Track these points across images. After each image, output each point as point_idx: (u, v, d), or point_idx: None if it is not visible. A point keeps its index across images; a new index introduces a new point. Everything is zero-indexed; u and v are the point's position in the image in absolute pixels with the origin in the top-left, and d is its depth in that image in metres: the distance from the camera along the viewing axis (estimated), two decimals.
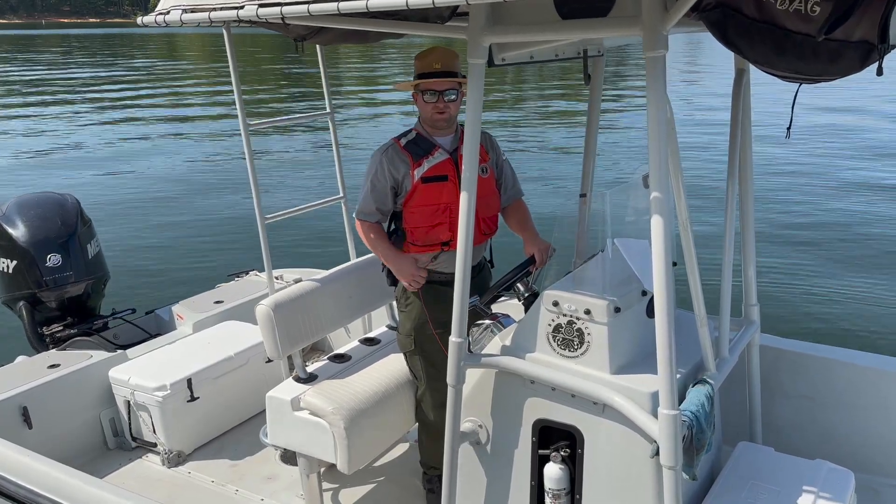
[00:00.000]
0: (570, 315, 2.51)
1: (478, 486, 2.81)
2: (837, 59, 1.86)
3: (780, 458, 2.79)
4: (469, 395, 2.75)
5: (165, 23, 2.50)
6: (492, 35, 2.28)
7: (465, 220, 2.46)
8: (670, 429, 2.18)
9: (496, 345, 2.72)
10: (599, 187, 3.08)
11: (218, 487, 3.79)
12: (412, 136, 3.29)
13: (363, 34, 3.13)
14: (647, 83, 2.04)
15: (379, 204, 3.27)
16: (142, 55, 52.56)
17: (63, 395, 4.01)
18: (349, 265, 3.87)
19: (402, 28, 2.39)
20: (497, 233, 3.43)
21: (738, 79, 2.78)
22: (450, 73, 3.16)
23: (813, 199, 11.65)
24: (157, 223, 10.98)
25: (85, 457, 4.06)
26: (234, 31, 3.37)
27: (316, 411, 3.26)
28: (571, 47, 2.92)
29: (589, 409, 2.50)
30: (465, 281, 2.51)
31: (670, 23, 1.96)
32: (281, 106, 24.03)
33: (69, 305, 4.73)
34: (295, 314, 3.42)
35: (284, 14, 2.21)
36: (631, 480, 2.46)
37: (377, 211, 3.29)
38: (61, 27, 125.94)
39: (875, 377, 3.36)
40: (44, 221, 4.60)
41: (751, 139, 2.85)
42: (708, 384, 2.49)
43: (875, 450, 3.41)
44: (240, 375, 4.31)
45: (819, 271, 8.56)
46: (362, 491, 3.71)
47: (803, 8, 1.82)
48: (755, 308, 3.12)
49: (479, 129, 2.42)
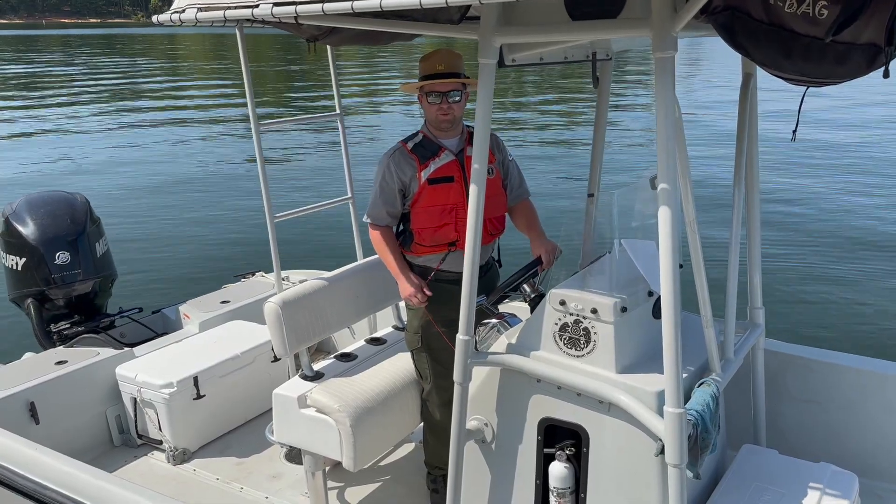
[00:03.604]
0: (577, 314, 2.52)
1: (482, 483, 2.82)
2: (844, 62, 1.88)
3: (784, 460, 2.80)
4: (475, 394, 2.77)
5: (181, 21, 2.53)
6: (502, 35, 2.31)
7: (473, 219, 2.48)
8: (676, 427, 2.19)
9: (502, 343, 2.73)
10: (607, 188, 3.10)
11: (223, 485, 3.81)
12: (419, 138, 3.33)
13: (375, 35, 3.15)
14: (655, 84, 2.06)
15: (389, 207, 3.31)
16: (146, 55, 52.80)
17: (70, 391, 4.03)
18: (356, 265, 3.89)
19: (415, 28, 2.41)
20: (504, 233, 3.45)
21: (745, 83, 2.80)
22: (453, 74, 3.19)
23: (819, 202, 11.65)
24: (166, 223, 11.03)
25: (91, 453, 4.08)
26: (244, 32, 3.41)
27: (322, 408, 3.28)
28: (580, 50, 2.94)
29: (594, 407, 2.51)
30: (472, 280, 2.53)
31: (679, 24, 1.98)
32: (289, 106, 24.13)
33: (77, 303, 4.76)
34: (302, 312, 3.45)
35: (299, 13, 2.24)
36: (636, 479, 2.47)
37: (387, 215, 3.33)
38: (62, 27, 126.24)
39: (880, 381, 3.37)
40: (53, 219, 4.64)
41: (757, 142, 2.87)
42: (713, 385, 2.50)
43: (879, 454, 3.41)
44: (246, 374, 4.33)
45: (824, 275, 8.56)
46: (367, 490, 3.72)
47: (811, 10, 1.84)
48: (760, 311, 3.13)
49: (488, 129, 2.44)
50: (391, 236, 3.37)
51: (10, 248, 4.60)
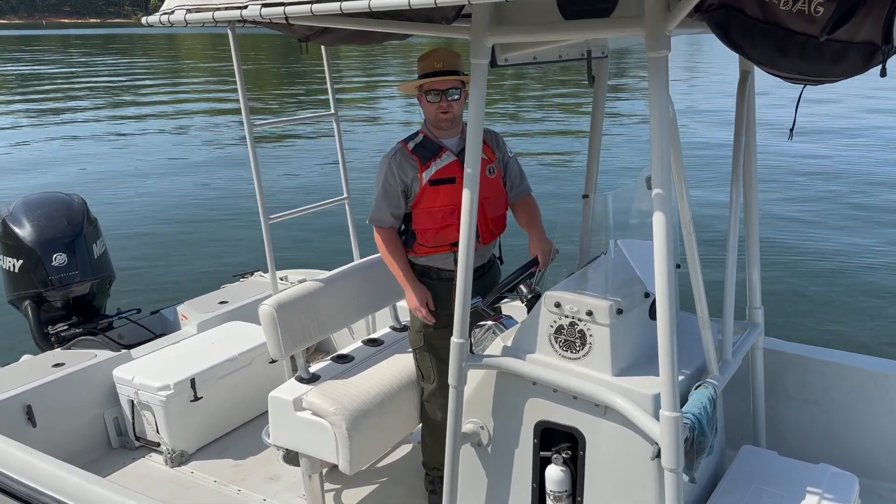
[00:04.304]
0: (572, 316, 2.50)
1: (479, 487, 2.80)
2: (841, 60, 1.85)
3: (783, 461, 2.78)
4: (471, 397, 2.75)
5: (170, 23, 2.51)
6: (495, 35, 2.28)
7: (467, 220, 2.45)
8: (672, 431, 2.17)
9: (498, 346, 2.71)
10: (603, 188, 3.07)
11: (220, 487, 3.79)
12: (419, 139, 3.31)
13: (367, 35, 3.13)
14: (649, 84, 2.04)
15: (392, 209, 3.30)
16: (144, 55, 52.77)
17: (67, 394, 4.02)
18: (353, 266, 3.87)
19: (406, 28, 2.39)
20: (505, 231, 3.43)
21: (742, 81, 2.77)
22: (452, 72, 3.17)
23: (818, 201, 11.61)
24: (163, 223, 11.02)
25: (88, 456, 4.07)
26: (238, 32, 3.38)
27: (318, 411, 3.26)
28: (575, 48, 2.91)
29: (590, 410, 2.49)
30: (466, 281, 2.51)
31: (673, 23, 1.95)
32: (284, 107, 24.10)
33: (74, 305, 4.74)
34: (298, 314, 3.43)
35: (288, 14, 2.21)
36: (632, 482, 2.45)
37: (391, 216, 3.31)
38: (62, 27, 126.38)
39: (880, 381, 3.34)
40: (50, 221, 4.62)
41: (755, 141, 2.85)
42: (710, 387, 2.48)
43: (879, 454, 3.38)
44: (243, 376, 4.32)
45: (824, 273, 8.52)
46: (364, 492, 3.70)
47: (807, 8, 1.81)
48: (759, 311, 3.10)
49: (481, 130, 2.42)
50: (397, 241, 3.35)
51: (7, 250, 4.59)
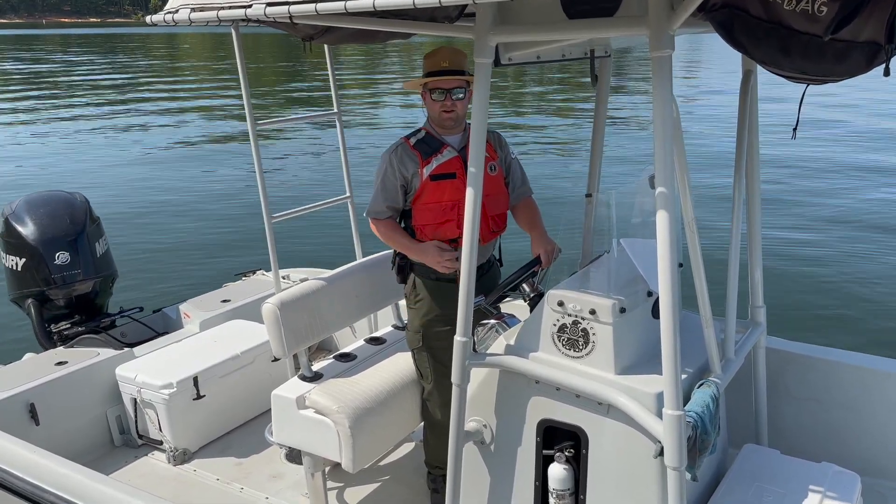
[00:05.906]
0: (575, 315, 2.50)
1: (482, 485, 2.81)
2: (844, 60, 1.86)
3: (785, 460, 2.78)
4: (473, 395, 2.75)
5: (174, 21, 2.51)
6: (498, 34, 2.29)
7: (470, 218, 2.46)
8: (675, 429, 2.17)
9: (501, 344, 2.72)
10: (606, 187, 3.08)
11: (223, 485, 3.80)
12: (421, 134, 3.32)
13: (371, 34, 3.13)
14: (653, 83, 2.04)
15: (390, 202, 3.30)
16: (145, 55, 52.76)
17: (70, 392, 4.03)
18: (355, 264, 3.87)
19: (410, 28, 2.39)
20: (506, 231, 3.43)
21: (745, 80, 2.77)
22: (457, 71, 3.18)
23: (821, 199, 11.60)
24: (165, 222, 11.02)
25: (91, 454, 4.08)
26: (242, 31, 3.39)
27: (321, 410, 3.27)
28: (578, 48, 2.92)
29: (593, 409, 2.50)
30: (469, 279, 2.51)
31: (676, 22, 1.96)
32: (287, 106, 24.09)
33: (77, 303, 4.74)
34: (301, 313, 3.43)
35: (292, 13, 2.22)
36: (635, 481, 2.45)
37: (388, 209, 3.31)
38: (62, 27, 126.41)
39: (882, 380, 3.34)
40: (53, 219, 4.62)
41: (758, 140, 2.85)
42: (713, 385, 2.49)
43: (882, 453, 3.39)
44: (246, 374, 4.32)
45: (827, 273, 8.52)
46: (367, 490, 3.71)
47: (810, 8, 1.81)
48: (761, 310, 3.11)
49: (485, 128, 2.42)
50: (395, 224, 3.34)
51: (9, 249, 4.59)
